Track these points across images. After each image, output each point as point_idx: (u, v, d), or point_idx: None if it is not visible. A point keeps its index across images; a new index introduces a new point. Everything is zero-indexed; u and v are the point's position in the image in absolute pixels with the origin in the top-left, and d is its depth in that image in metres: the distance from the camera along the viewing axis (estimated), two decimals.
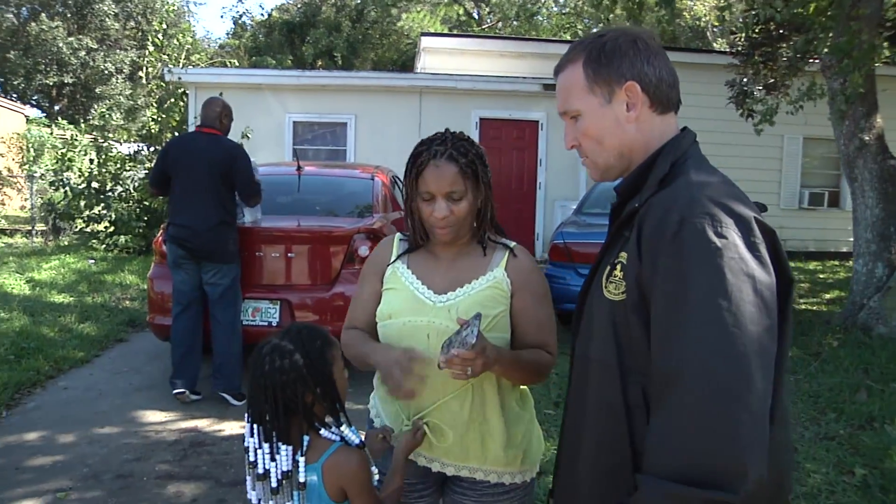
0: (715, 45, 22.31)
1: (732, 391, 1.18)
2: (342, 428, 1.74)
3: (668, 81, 1.47)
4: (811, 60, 8.95)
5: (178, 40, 12.63)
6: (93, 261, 10.84)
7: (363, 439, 1.78)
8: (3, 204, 15.10)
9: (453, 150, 1.89)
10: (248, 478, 1.74)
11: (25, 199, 15.16)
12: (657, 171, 1.43)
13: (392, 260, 2.04)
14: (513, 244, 2.03)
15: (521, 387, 2.07)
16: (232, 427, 4.81)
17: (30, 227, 13.89)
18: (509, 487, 2.00)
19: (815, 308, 8.80)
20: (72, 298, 8.34)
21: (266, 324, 5.42)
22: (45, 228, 13.73)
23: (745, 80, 9.89)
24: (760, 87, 9.77)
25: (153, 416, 5.02)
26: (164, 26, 12.51)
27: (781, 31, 9.17)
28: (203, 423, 4.87)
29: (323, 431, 1.72)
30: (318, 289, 5.53)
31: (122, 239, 11.52)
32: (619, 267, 1.40)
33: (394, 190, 7.01)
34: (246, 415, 1.74)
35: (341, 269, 5.51)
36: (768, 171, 13.99)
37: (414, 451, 1.96)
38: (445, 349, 1.70)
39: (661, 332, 1.27)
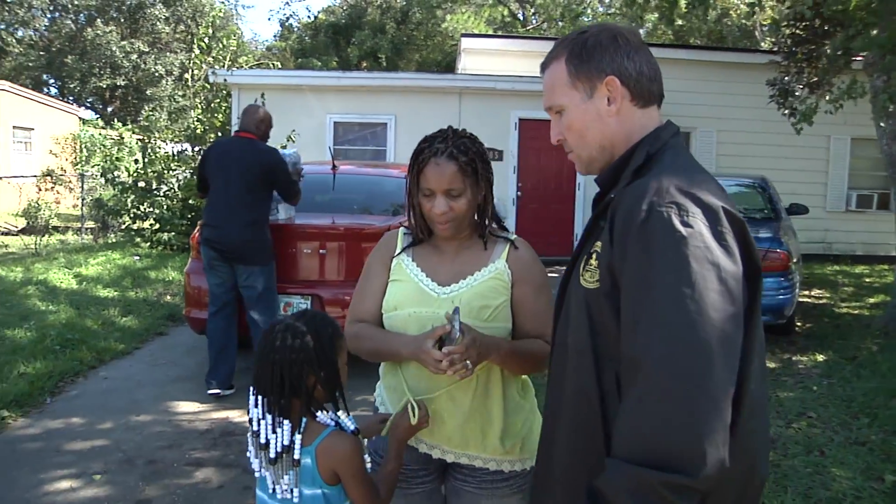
0: (763, 44, 21.95)
1: (693, 377, 1.21)
2: (339, 413, 1.80)
3: (648, 76, 1.50)
4: (855, 58, 8.76)
5: (222, 43, 12.87)
6: (137, 257, 11.13)
7: (357, 427, 1.83)
8: (57, 202, 15.57)
9: (454, 148, 1.94)
10: (251, 447, 1.82)
11: (77, 198, 15.60)
12: (633, 162, 1.46)
13: (397, 253, 2.09)
14: (513, 237, 2.07)
15: (523, 377, 2.10)
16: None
17: (80, 225, 14.30)
18: (508, 475, 2.03)
19: (856, 312, 8.62)
20: (116, 293, 8.59)
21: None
22: (94, 226, 14.12)
23: (786, 78, 9.71)
24: (803, 86, 9.58)
25: (187, 406, 5.16)
26: (210, 30, 12.76)
27: (826, 28, 8.98)
28: (234, 414, 5.00)
29: (320, 415, 1.78)
30: (348, 285, 5.60)
31: (166, 236, 11.81)
32: (594, 256, 1.44)
33: None
34: (251, 387, 1.81)
35: None
36: (814, 173, 13.70)
37: (415, 438, 2.00)
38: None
39: (628, 318, 1.30)
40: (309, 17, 34.79)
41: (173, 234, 11.80)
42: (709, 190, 1.35)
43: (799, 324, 7.70)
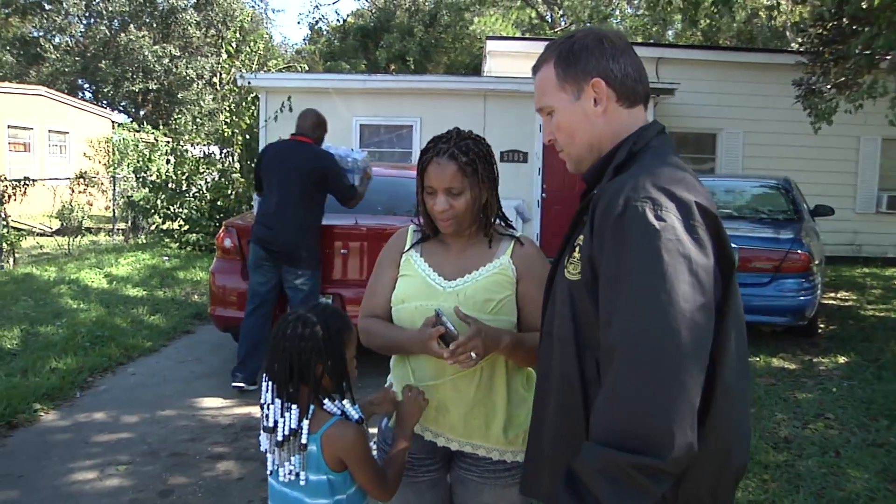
0: (794, 45, 21.73)
1: (662, 363, 1.27)
2: (345, 402, 1.88)
3: (633, 77, 1.56)
4: (884, 57, 8.67)
5: (249, 47, 13.06)
6: (167, 258, 11.34)
7: (362, 416, 1.90)
8: (90, 204, 15.89)
9: (455, 148, 2.01)
10: (263, 432, 1.90)
11: (109, 200, 15.92)
12: (616, 159, 1.52)
13: (406, 249, 2.17)
14: (519, 234, 2.14)
15: (528, 370, 2.17)
16: None
17: (112, 226, 14.59)
18: (511, 465, 2.09)
19: (882, 315, 8.53)
20: (144, 292, 8.78)
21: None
22: (125, 227, 14.41)
23: (812, 78, 9.64)
24: (829, 86, 9.51)
25: (211, 401, 5.28)
26: (238, 35, 12.96)
27: (854, 27, 8.91)
28: (256, 410, 5.09)
29: (327, 404, 1.86)
30: None
31: (194, 236, 12.02)
32: (577, 249, 1.51)
33: None
34: (263, 373, 1.90)
35: None
36: (843, 174, 13.54)
37: (420, 426, 2.08)
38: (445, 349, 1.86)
39: (605, 307, 1.37)
40: (338, 20, 35.03)
41: (201, 234, 12.00)
42: (684, 186, 1.41)
43: (822, 325, 7.65)
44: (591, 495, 1.33)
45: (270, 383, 1.87)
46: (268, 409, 1.87)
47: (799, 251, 6.66)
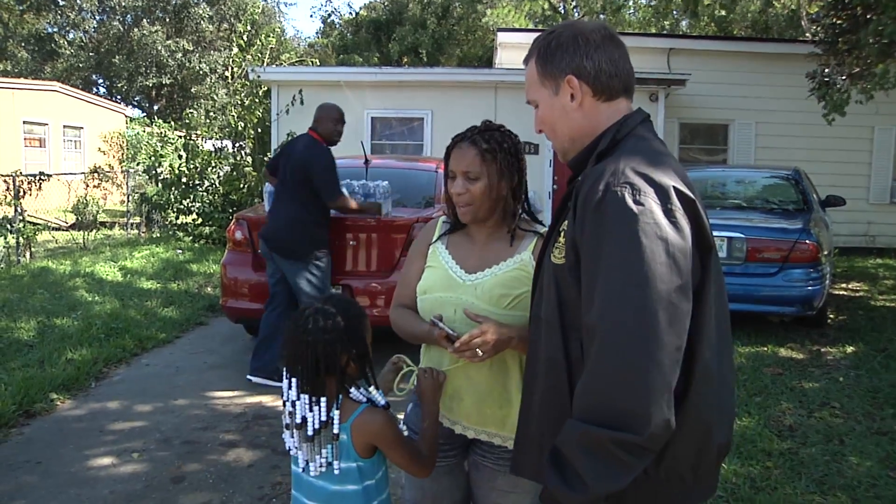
0: (809, 34, 21.55)
1: (640, 343, 1.33)
2: (371, 389, 1.93)
3: (608, 72, 1.60)
4: (893, 47, 8.61)
5: (261, 41, 13.13)
6: (180, 251, 11.46)
7: (388, 402, 1.95)
8: (104, 199, 16.06)
9: (478, 136, 2.08)
10: (286, 430, 1.94)
11: (124, 194, 16.09)
12: (599, 147, 1.58)
13: (434, 240, 2.24)
14: (543, 230, 2.15)
15: None
16: None
17: (126, 220, 14.75)
18: None
19: (893, 305, 8.51)
20: (158, 285, 8.89)
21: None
22: (139, 221, 14.55)
23: (826, 69, 9.58)
24: (844, 77, 9.44)
25: (223, 391, 5.37)
26: (250, 28, 13.03)
27: (867, 17, 8.85)
28: (267, 399, 5.20)
29: (353, 392, 1.91)
30: (378, 275, 5.78)
31: (207, 230, 12.13)
32: (562, 234, 1.57)
33: None
34: (283, 369, 1.94)
35: (401, 257, 5.74)
36: (857, 165, 13.48)
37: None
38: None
39: (586, 289, 1.43)
40: (350, 13, 35.04)
41: (214, 227, 12.10)
42: (663, 171, 1.46)
43: (832, 316, 7.65)
44: (572, 470, 1.39)
45: (294, 379, 1.90)
46: (293, 406, 1.90)
47: (807, 241, 6.67)
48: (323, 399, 1.87)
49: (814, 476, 3.93)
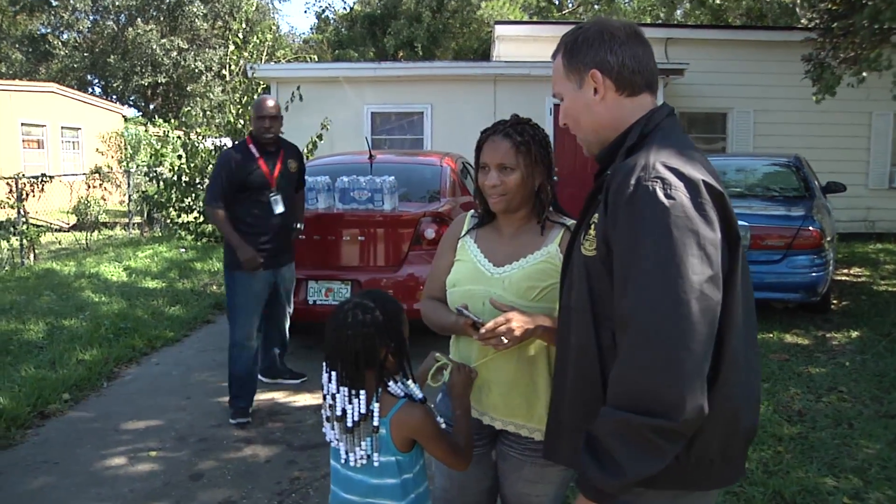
0: (803, 21, 21.54)
1: (673, 332, 1.38)
2: (408, 383, 1.97)
3: (630, 68, 1.65)
4: (889, 31, 8.63)
5: (258, 38, 13.11)
6: (183, 249, 11.48)
7: (424, 395, 1.99)
8: (104, 199, 16.06)
9: (511, 129, 2.13)
10: (326, 423, 1.99)
11: (124, 194, 16.09)
12: (627, 141, 1.62)
13: (462, 234, 2.29)
14: (570, 222, 2.18)
15: None
16: (305, 399, 5.14)
17: (127, 220, 14.76)
18: None
19: (895, 290, 8.56)
20: (163, 284, 8.92)
21: (338, 303, 5.70)
22: (140, 220, 14.56)
23: (822, 54, 9.60)
24: (839, 61, 9.46)
25: None
26: (245, 26, 13.00)
27: (864, 1, 8.86)
28: (279, 395, 5.24)
29: (391, 386, 1.94)
30: (387, 270, 5.81)
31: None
32: (592, 226, 1.61)
33: (464, 177, 7.22)
34: (324, 363, 1.98)
35: (409, 251, 5.78)
36: (855, 150, 13.47)
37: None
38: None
39: (619, 281, 1.48)
40: (345, 8, 35.06)
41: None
42: (692, 165, 1.50)
43: (835, 301, 7.70)
44: (608, 456, 1.44)
45: (333, 373, 1.94)
46: (332, 398, 1.94)
47: (810, 228, 6.70)
48: (362, 392, 1.91)
49: (825, 459, 3.98)
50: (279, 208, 4.88)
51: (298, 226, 5.37)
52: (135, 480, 3.93)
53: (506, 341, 1.93)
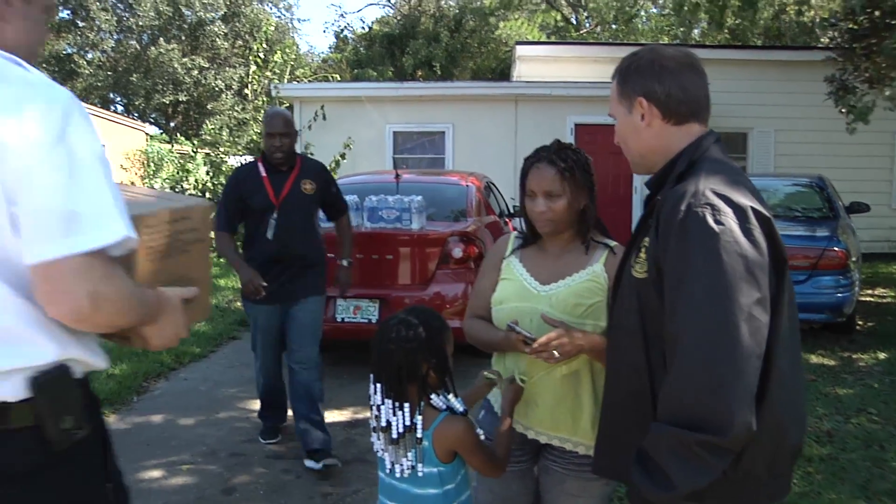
0: (823, 40, 21.52)
1: (724, 353, 1.43)
2: (450, 397, 2.04)
3: (677, 98, 1.71)
4: None
5: (280, 57, 13.30)
6: None
7: (466, 408, 2.07)
8: None
9: (555, 156, 2.20)
10: (373, 433, 2.07)
11: None
12: (677, 168, 1.69)
13: (507, 254, 2.35)
14: (613, 244, 2.28)
15: None
16: (333, 416, 5.17)
17: None
18: None
19: None
20: None
21: (366, 321, 5.75)
22: None
23: (844, 74, 9.60)
24: (861, 82, 9.45)
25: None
26: (265, 45, 13.19)
27: (887, 21, 8.86)
28: None
29: (433, 399, 2.02)
30: (414, 288, 5.86)
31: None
32: (643, 250, 1.68)
33: (488, 196, 7.28)
34: (371, 375, 2.07)
35: (436, 270, 5.83)
36: (878, 171, 13.46)
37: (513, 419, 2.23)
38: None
39: (670, 303, 1.54)
40: (363, 28, 35.31)
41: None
42: (740, 192, 1.57)
43: (860, 322, 7.67)
44: (659, 470, 1.50)
45: (379, 385, 2.03)
46: (378, 410, 2.03)
47: (836, 248, 6.71)
48: (406, 405, 1.98)
49: (857, 481, 3.97)
50: (271, 233, 4.35)
51: (344, 262, 4.77)
52: (169, 494, 3.98)
53: (557, 355, 1.99)
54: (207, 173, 12.12)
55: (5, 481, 1.37)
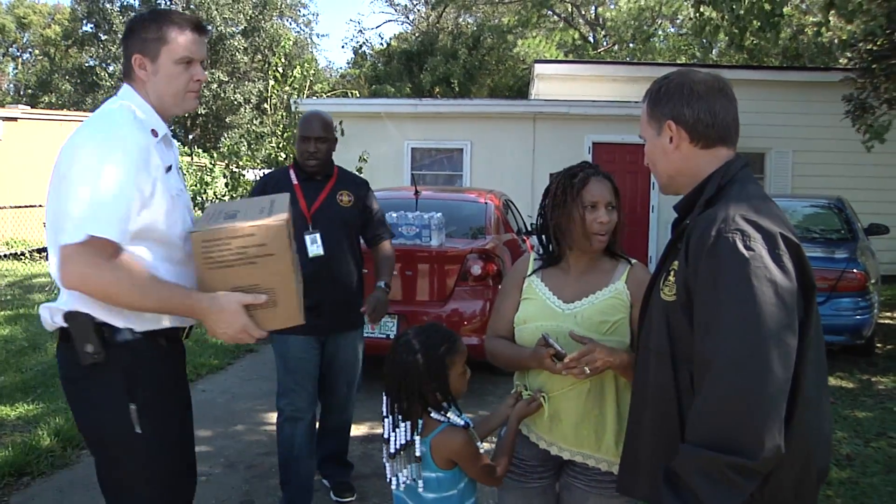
0: (842, 60, 21.45)
1: (754, 375, 1.46)
2: (448, 413, 2.09)
3: (705, 122, 1.74)
4: None
5: (299, 72, 13.41)
6: None
7: (468, 422, 2.11)
8: None
9: (601, 172, 2.27)
10: (384, 444, 2.15)
11: None
12: (706, 192, 1.71)
13: (528, 274, 2.37)
14: (634, 261, 2.33)
15: None
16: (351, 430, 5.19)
17: None
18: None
19: None
20: None
21: (385, 336, 5.77)
22: None
23: (863, 94, 9.59)
24: (880, 102, 9.44)
25: None
26: (284, 61, 13.31)
27: None
28: None
29: (433, 414, 2.09)
30: (433, 305, 5.88)
31: None
32: (672, 273, 1.70)
33: (506, 213, 7.30)
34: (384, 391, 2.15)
35: (455, 287, 5.85)
36: None
37: (535, 435, 2.27)
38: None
39: (700, 326, 1.56)
40: (381, 44, 35.59)
41: None
42: (769, 217, 1.59)
43: (879, 345, 7.62)
44: (689, 491, 1.51)
45: (387, 398, 2.12)
46: (384, 422, 2.12)
47: (855, 270, 6.68)
48: (407, 423, 2.07)
49: None
50: (314, 250, 3.76)
51: (382, 283, 4.02)
52: None
53: (588, 371, 2.02)
54: (226, 185, 12.20)
55: (62, 378, 2.14)
